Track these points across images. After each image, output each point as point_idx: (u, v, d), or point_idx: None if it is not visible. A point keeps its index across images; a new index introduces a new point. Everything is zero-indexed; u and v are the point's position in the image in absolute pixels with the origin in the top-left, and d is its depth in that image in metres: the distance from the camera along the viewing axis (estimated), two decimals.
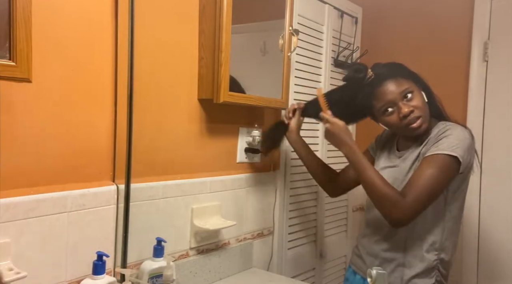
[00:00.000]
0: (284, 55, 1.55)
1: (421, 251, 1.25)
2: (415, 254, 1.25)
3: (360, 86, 1.30)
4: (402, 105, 1.22)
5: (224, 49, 1.30)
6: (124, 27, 1.16)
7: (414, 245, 1.25)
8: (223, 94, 1.31)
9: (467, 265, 1.92)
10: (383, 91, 1.25)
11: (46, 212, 1.00)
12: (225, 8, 1.29)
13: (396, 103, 1.23)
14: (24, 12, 0.93)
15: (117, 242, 1.17)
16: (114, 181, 1.17)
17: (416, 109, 1.22)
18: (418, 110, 1.22)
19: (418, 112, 1.22)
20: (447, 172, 1.18)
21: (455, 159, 1.16)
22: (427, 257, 1.24)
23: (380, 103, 1.26)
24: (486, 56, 1.88)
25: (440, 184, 1.18)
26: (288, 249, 1.79)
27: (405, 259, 1.26)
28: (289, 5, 1.56)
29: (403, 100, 1.23)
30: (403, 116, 1.22)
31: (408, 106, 1.22)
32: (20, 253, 0.96)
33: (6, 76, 0.93)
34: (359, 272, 1.40)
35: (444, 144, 1.18)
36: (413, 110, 1.22)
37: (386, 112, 1.26)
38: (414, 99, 1.23)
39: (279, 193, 1.71)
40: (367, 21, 2.15)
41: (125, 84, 1.17)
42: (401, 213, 1.15)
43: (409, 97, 1.23)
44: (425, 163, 1.19)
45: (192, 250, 1.37)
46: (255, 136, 1.55)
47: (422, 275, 1.25)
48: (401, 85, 1.24)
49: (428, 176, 1.16)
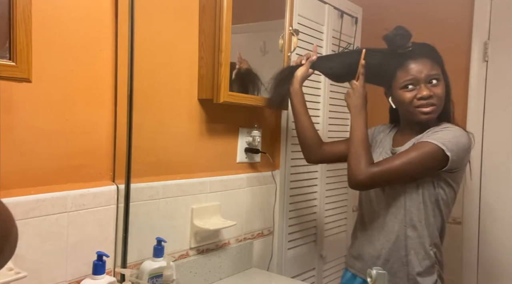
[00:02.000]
0: (284, 55, 1.55)
1: (422, 249, 1.25)
2: (417, 252, 1.26)
3: (394, 52, 1.28)
4: (424, 87, 1.22)
5: (224, 49, 1.30)
6: (124, 26, 1.16)
7: (415, 243, 1.26)
8: (223, 94, 1.31)
9: (467, 265, 1.92)
10: (414, 66, 1.24)
11: (46, 212, 1.00)
12: (225, 8, 1.29)
13: (419, 83, 1.23)
14: (24, 12, 0.93)
15: (117, 242, 1.17)
16: (114, 181, 1.17)
17: (435, 96, 1.22)
18: (436, 98, 1.22)
19: (435, 100, 1.22)
20: (428, 160, 1.18)
21: (441, 151, 1.17)
22: (428, 254, 1.25)
23: (404, 77, 1.25)
24: (486, 56, 1.88)
25: (414, 167, 1.19)
26: (288, 249, 1.79)
27: (407, 258, 1.26)
28: (289, 5, 1.56)
29: (427, 84, 1.23)
30: (420, 98, 1.22)
31: (430, 90, 1.22)
32: (20, 253, 0.96)
33: (6, 76, 0.93)
34: (360, 275, 1.38)
35: (437, 135, 1.20)
36: (432, 96, 1.22)
37: (406, 88, 1.24)
38: (438, 87, 1.23)
39: (279, 193, 1.71)
40: (367, 21, 2.15)
41: (125, 84, 1.17)
42: (360, 175, 1.21)
43: (434, 83, 1.23)
44: (411, 147, 1.22)
45: (192, 250, 1.37)
46: (255, 136, 1.55)
47: (425, 274, 1.25)
48: (433, 68, 1.23)
49: (404, 156, 1.20)
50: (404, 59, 1.26)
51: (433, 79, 1.23)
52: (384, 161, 1.24)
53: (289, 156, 1.76)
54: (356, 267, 1.40)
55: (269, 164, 1.68)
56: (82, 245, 1.08)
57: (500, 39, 1.86)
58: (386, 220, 1.29)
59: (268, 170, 1.67)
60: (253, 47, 1.57)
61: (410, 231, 1.25)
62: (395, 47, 1.27)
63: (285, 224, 1.75)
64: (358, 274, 1.39)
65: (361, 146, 1.25)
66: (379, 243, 1.31)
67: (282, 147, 1.74)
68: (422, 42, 1.29)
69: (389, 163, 1.21)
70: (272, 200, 1.69)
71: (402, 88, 1.25)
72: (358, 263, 1.39)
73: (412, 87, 1.24)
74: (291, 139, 1.75)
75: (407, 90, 1.24)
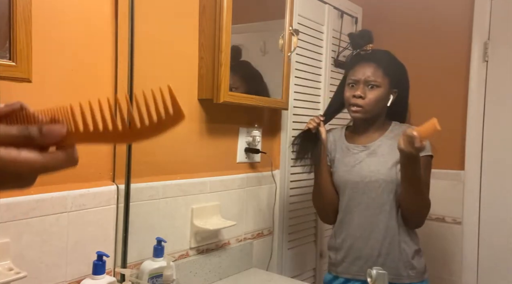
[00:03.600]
0: (284, 55, 1.55)
1: (407, 235, 1.36)
2: (408, 239, 1.36)
3: (358, 54, 1.43)
4: (358, 89, 1.34)
5: (224, 49, 1.30)
6: (124, 26, 1.16)
7: (405, 232, 1.35)
8: (223, 94, 1.31)
9: (467, 265, 1.92)
10: (362, 68, 1.36)
11: (46, 212, 1.00)
12: (225, 8, 1.29)
13: (359, 84, 1.35)
14: (24, 12, 0.93)
15: (117, 242, 1.17)
16: (114, 181, 1.17)
17: (365, 99, 1.33)
18: (365, 101, 1.33)
19: (362, 102, 1.34)
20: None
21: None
22: (416, 242, 1.38)
23: (350, 76, 1.38)
24: (486, 56, 1.88)
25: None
26: (288, 249, 1.79)
27: (400, 246, 1.34)
28: (289, 5, 1.56)
29: (365, 86, 1.34)
30: (352, 96, 1.35)
31: (363, 93, 1.34)
32: (20, 253, 0.96)
33: (6, 76, 0.93)
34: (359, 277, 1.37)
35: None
36: (361, 98, 1.33)
37: (349, 85, 1.38)
38: (372, 93, 1.34)
39: (279, 193, 1.71)
40: (367, 21, 2.15)
41: (125, 84, 1.17)
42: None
43: (370, 88, 1.34)
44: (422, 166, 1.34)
45: (192, 250, 1.37)
46: (255, 136, 1.55)
47: (417, 256, 1.37)
48: (375, 75, 1.34)
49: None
50: (360, 60, 1.39)
51: (372, 85, 1.34)
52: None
53: (289, 156, 1.76)
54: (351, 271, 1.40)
55: (269, 164, 1.68)
56: (82, 245, 1.08)
57: (500, 39, 1.86)
58: (379, 218, 1.34)
59: (268, 170, 1.68)
60: (253, 47, 1.57)
61: (395, 222, 1.34)
62: (354, 45, 1.43)
63: (284, 224, 1.75)
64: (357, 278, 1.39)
65: (425, 195, 1.34)
66: (376, 241, 1.34)
67: (282, 147, 1.74)
68: (384, 50, 1.41)
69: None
70: (272, 200, 1.69)
71: (347, 85, 1.39)
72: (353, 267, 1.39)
73: (353, 87, 1.37)
74: (291, 138, 1.75)
75: (349, 88, 1.38)
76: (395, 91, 1.38)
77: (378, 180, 1.33)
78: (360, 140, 1.42)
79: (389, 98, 1.37)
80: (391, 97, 1.37)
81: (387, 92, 1.35)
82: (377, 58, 1.36)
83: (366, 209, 1.36)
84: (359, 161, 1.37)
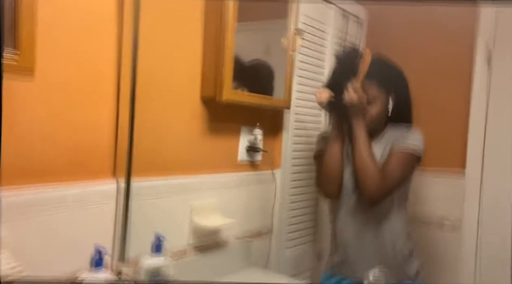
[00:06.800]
0: (287, 54, 1.55)
1: (406, 241, 1.38)
2: (403, 239, 1.38)
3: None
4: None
5: (228, 47, 1.30)
6: (128, 24, 1.16)
7: (399, 233, 1.37)
8: (226, 92, 1.31)
9: (467, 265, 1.92)
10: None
11: (47, 208, 1.00)
12: (230, 7, 1.29)
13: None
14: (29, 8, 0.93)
15: (117, 238, 1.18)
16: (115, 177, 1.18)
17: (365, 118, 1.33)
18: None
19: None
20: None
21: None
22: (411, 242, 1.41)
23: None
24: (490, 63, 1.88)
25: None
26: (287, 248, 1.79)
27: (395, 248, 1.36)
28: (293, 4, 1.55)
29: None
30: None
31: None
32: (20, 248, 0.96)
33: (10, 71, 0.93)
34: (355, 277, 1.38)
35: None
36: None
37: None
38: (370, 110, 1.33)
39: (279, 192, 1.72)
40: (372, 24, 2.14)
41: (128, 82, 1.17)
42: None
43: (367, 104, 1.32)
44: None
45: (191, 247, 1.38)
46: (257, 135, 1.55)
47: (412, 257, 1.39)
48: (370, 91, 1.32)
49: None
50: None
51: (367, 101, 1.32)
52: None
53: (290, 156, 1.76)
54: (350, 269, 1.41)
55: (270, 164, 1.68)
56: (82, 241, 1.08)
57: (504, 46, 1.85)
58: (373, 219, 1.36)
59: (269, 169, 1.68)
60: (256, 46, 1.57)
61: (389, 222, 1.36)
62: (339, 63, 1.40)
63: (284, 223, 1.76)
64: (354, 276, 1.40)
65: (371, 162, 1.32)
66: (370, 241, 1.36)
67: (284, 146, 1.74)
68: (373, 59, 1.34)
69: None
70: (272, 200, 1.69)
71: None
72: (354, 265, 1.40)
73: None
74: (293, 138, 1.75)
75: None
76: (394, 96, 1.36)
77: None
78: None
79: (389, 107, 1.36)
80: (390, 105, 1.36)
81: (385, 102, 1.35)
82: (367, 72, 1.32)
83: (360, 210, 1.37)
84: (351, 163, 1.38)
